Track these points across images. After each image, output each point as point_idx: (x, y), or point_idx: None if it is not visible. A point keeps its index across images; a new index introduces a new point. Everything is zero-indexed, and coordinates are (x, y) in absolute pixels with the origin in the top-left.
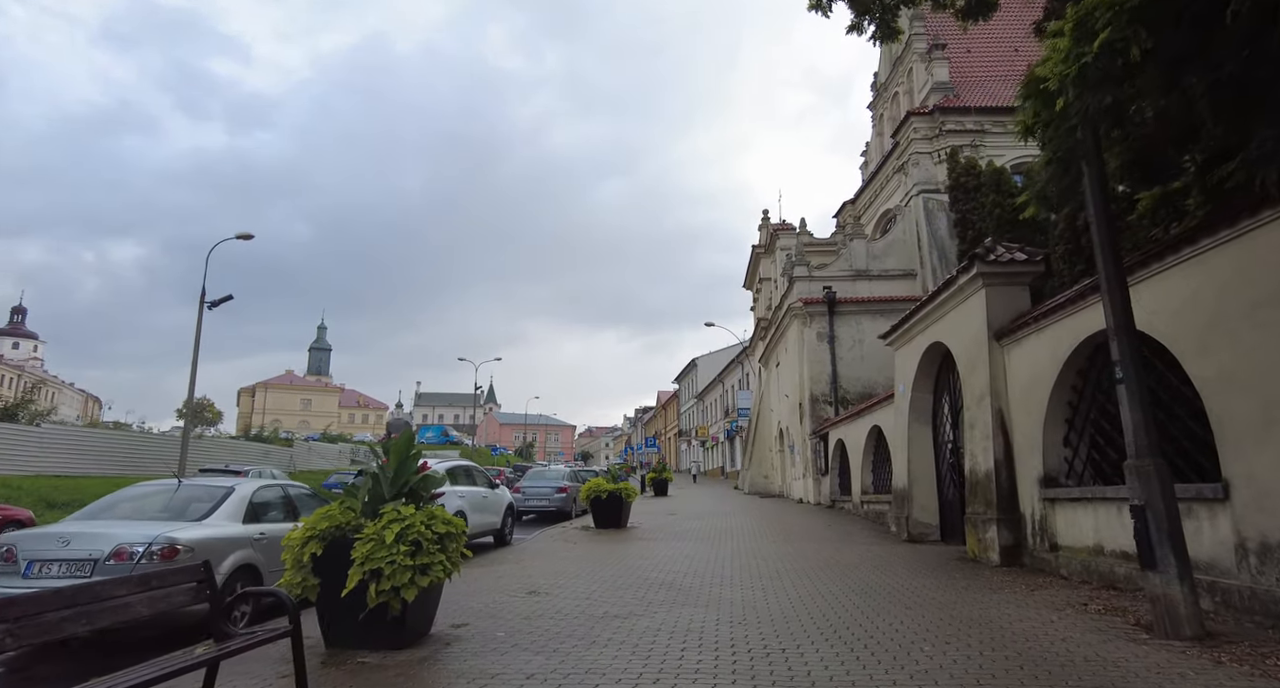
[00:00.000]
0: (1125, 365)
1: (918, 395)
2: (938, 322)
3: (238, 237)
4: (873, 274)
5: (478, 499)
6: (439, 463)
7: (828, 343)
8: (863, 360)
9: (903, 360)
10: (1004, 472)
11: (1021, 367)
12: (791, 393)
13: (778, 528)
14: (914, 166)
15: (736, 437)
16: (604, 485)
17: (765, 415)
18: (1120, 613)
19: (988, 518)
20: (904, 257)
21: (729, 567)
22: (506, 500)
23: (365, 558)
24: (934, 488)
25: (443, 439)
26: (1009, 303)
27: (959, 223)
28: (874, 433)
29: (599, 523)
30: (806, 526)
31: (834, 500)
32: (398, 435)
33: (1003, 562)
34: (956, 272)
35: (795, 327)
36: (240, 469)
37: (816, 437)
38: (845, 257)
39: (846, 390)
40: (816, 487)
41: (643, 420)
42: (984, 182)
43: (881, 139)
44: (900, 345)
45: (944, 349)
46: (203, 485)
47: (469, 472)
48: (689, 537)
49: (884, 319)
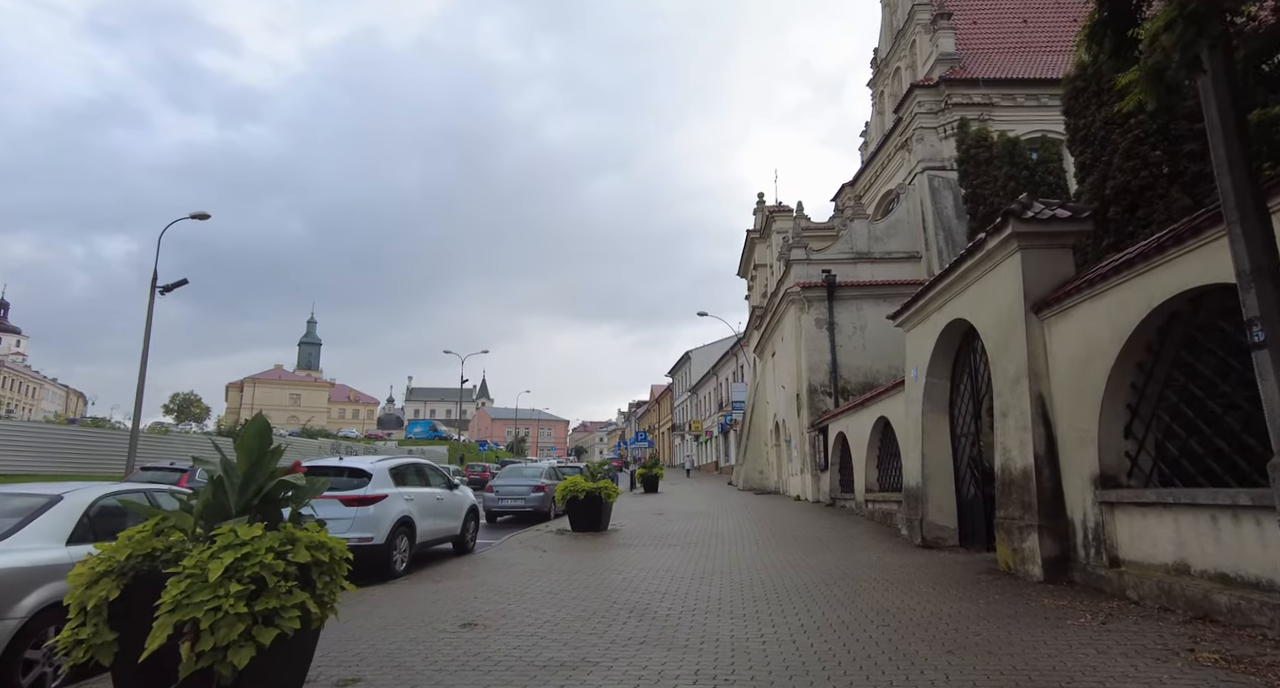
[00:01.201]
0: (1271, 322)
1: (933, 382)
2: (959, 296)
3: (192, 216)
4: (875, 257)
5: (429, 502)
6: (381, 460)
7: (827, 330)
8: (864, 348)
9: (915, 343)
10: (1046, 469)
11: (1068, 343)
12: (788, 384)
13: (774, 531)
14: (918, 142)
15: (731, 431)
16: (581, 484)
17: (760, 408)
18: (1252, 668)
19: (1025, 524)
20: (907, 238)
21: (717, 585)
22: (468, 503)
23: (177, 603)
24: (951, 486)
25: (430, 434)
26: (1050, 268)
27: (969, 198)
28: (880, 425)
29: (576, 526)
30: (806, 528)
31: (834, 498)
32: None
33: (1046, 577)
34: (985, 234)
35: (792, 313)
36: (185, 468)
37: (815, 430)
38: (845, 238)
39: (847, 381)
40: (815, 484)
41: (636, 415)
42: (996, 154)
43: (882, 118)
44: (912, 326)
45: (965, 327)
46: (17, 494)
47: (420, 471)
48: (674, 542)
49: (887, 304)
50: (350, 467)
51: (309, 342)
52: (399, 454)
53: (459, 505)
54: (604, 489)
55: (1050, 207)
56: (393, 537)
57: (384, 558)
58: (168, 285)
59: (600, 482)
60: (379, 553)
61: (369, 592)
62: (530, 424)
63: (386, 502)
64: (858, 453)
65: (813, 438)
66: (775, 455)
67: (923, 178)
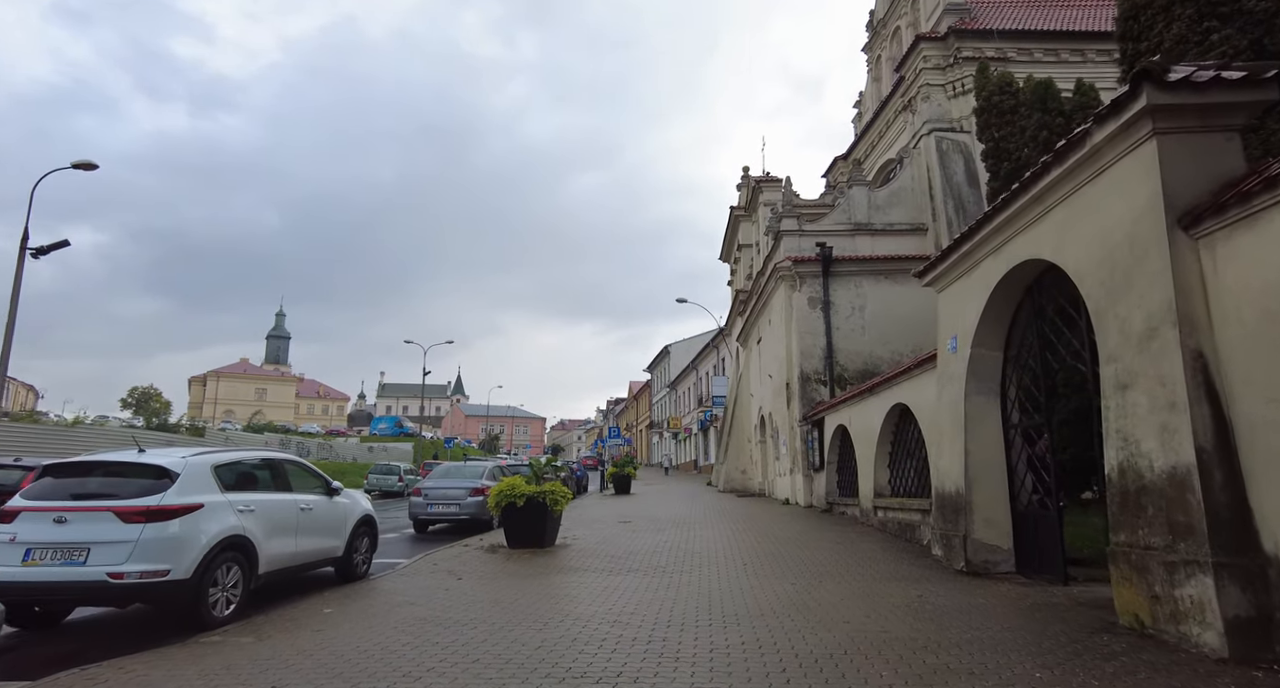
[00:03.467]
0: None
1: (981, 354)
2: (1033, 226)
3: (74, 166)
4: (875, 228)
5: (285, 515)
6: (200, 454)
7: (821, 310)
8: (864, 331)
9: (954, 304)
10: (1217, 471)
11: (1249, 271)
12: (776, 373)
13: (765, 548)
14: (923, 101)
15: (711, 428)
16: (520, 487)
17: (744, 402)
18: None
19: (1182, 559)
20: (912, 208)
21: (691, 646)
22: (357, 514)
23: None
24: (1004, 493)
25: (397, 431)
26: (1205, 163)
27: (990, 153)
28: (894, 415)
29: (513, 541)
30: (805, 543)
31: (831, 503)
32: None
33: (1234, 651)
34: (1091, 120)
35: (782, 292)
36: (32, 465)
37: (808, 424)
38: (843, 207)
39: (844, 367)
40: (807, 486)
41: (615, 413)
42: (1024, 101)
43: (879, 86)
44: (950, 282)
45: (1036, 272)
46: None
47: (277, 470)
48: (636, 566)
49: (889, 281)
50: (143, 462)
51: (277, 335)
52: (247, 448)
53: (341, 518)
54: (549, 494)
55: (1205, 67)
56: (207, 568)
57: (189, 599)
58: (42, 247)
59: (546, 485)
60: (180, 593)
61: (139, 659)
62: (505, 421)
63: (199, 515)
64: (863, 450)
65: (805, 433)
66: (760, 453)
67: (929, 140)
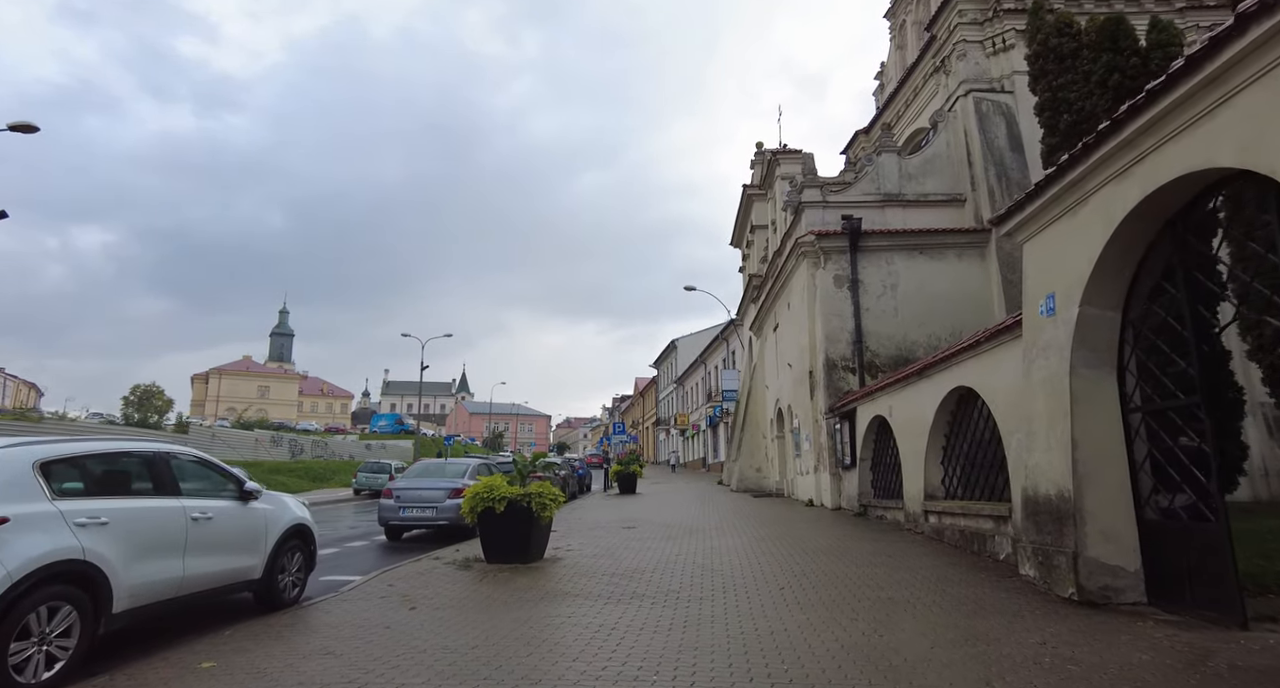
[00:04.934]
0: None
1: (1092, 315)
2: (1201, 122)
3: (10, 127)
4: (907, 199)
5: (165, 527)
6: (23, 445)
7: (849, 289)
8: (896, 313)
9: (1051, 253)
10: None
11: None
12: (797, 361)
13: (802, 564)
14: (959, 60)
15: (721, 424)
16: (500, 489)
17: (758, 395)
18: None
19: None
20: (948, 177)
21: None
22: (285, 523)
23: None
24: (1127, 497)
25: (397, 428)
26: None
27: (1046, 105)
28: (952, 401)
29: (491, 554)
30: (847, 556)
31: (865, 506)
32: None
33: None
34: None
35: (804, 271)
36: None
37: (836, 416)
38: (870, 177)
39: (875, 353)
40: (835, 485)
41: (620, 410)
42: (1088, 43)
43: (903, 53)
44: (1046, 224)
45: (1189, 195)
46: None
47: (153, 467)
48: (644, 590)
49: (925, 257)
50: None
51: (281, 333)
52: (111, 438)
53: (257, 529)
54: (535, 497)
55: None
56: (6, 614)
57: None
58: None
59: (532, 486)
60: None
61: None
62: (509, 419)
63: (24, 529)
64: (909, 444)
65: (831, 426)
66: (777, 450)
67: (966, 102)
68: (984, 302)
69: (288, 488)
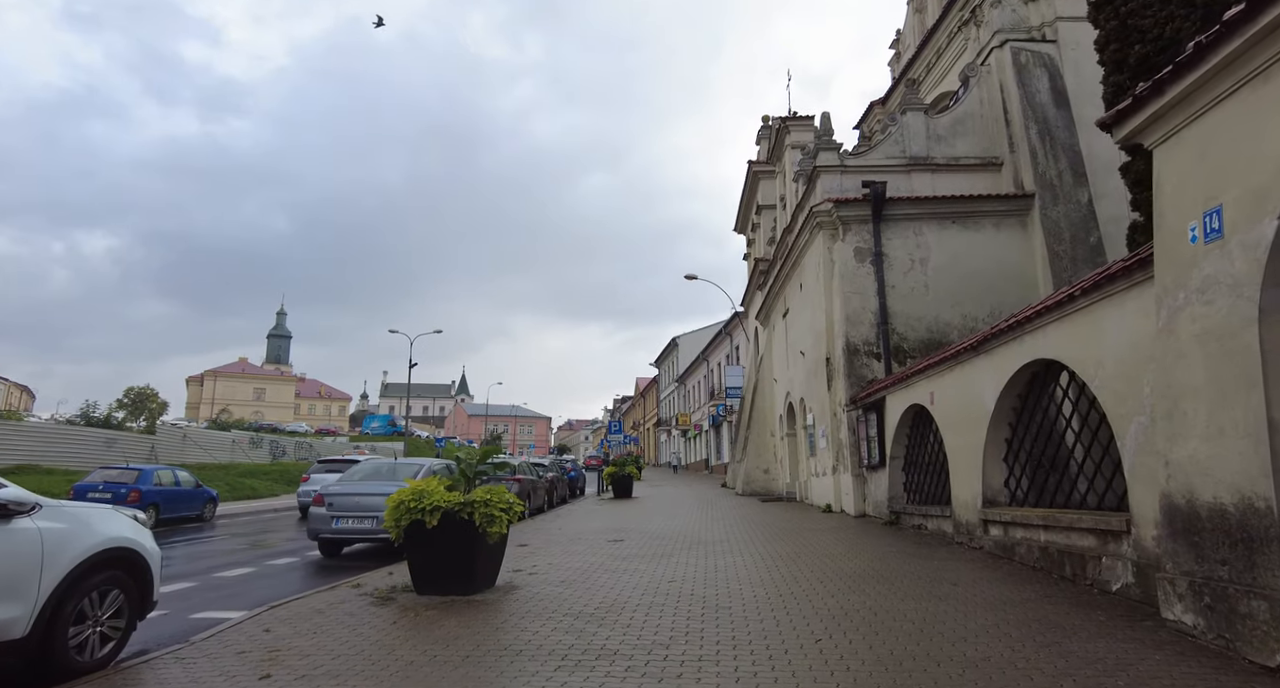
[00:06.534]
0: None
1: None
2: None
3: None
4: (936, 163)
5: None
6: None
7: (872, 264)
8: (927, 290)
9: (1218, 149)
10: None
11: None
12: (812, 348)
13: (842, 600)
14: (993, 8)
15: (724, 423)
16: (434, 496)
17: (765, 389)
18: None
19: None
20: (982, 138)
21: None
22: (79, 551)
23: None
24: None
25: (389, 430)
26: None
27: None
28: (1020, 382)
29: (423, 582)
30: (896, 584)
31: (897, 512)
32: None
33: None
34: None
35: (819, 245)
36: None
37: (859, 407)
38: (895, 138)
39: (903, 336)
40: (859, 488)
41: (622, 411)
42: None
43: (922, 17)
44: (1207, 108)
45: None
46: None
47: None
48: (615, 645)
49: (958, 227)
50: None
51: (278, 334)
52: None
53: (18, 563)
54: (479, 507)
55: None
56: None
57: None
58: None
59: (477, 491)
60: None
61: None
62: (509, 421)
63: None
64: (960, 437)
65: (853, 420)
66: (788, 449)
67: (1002, 53)
68: (1027, 278)
69: (255, 492)
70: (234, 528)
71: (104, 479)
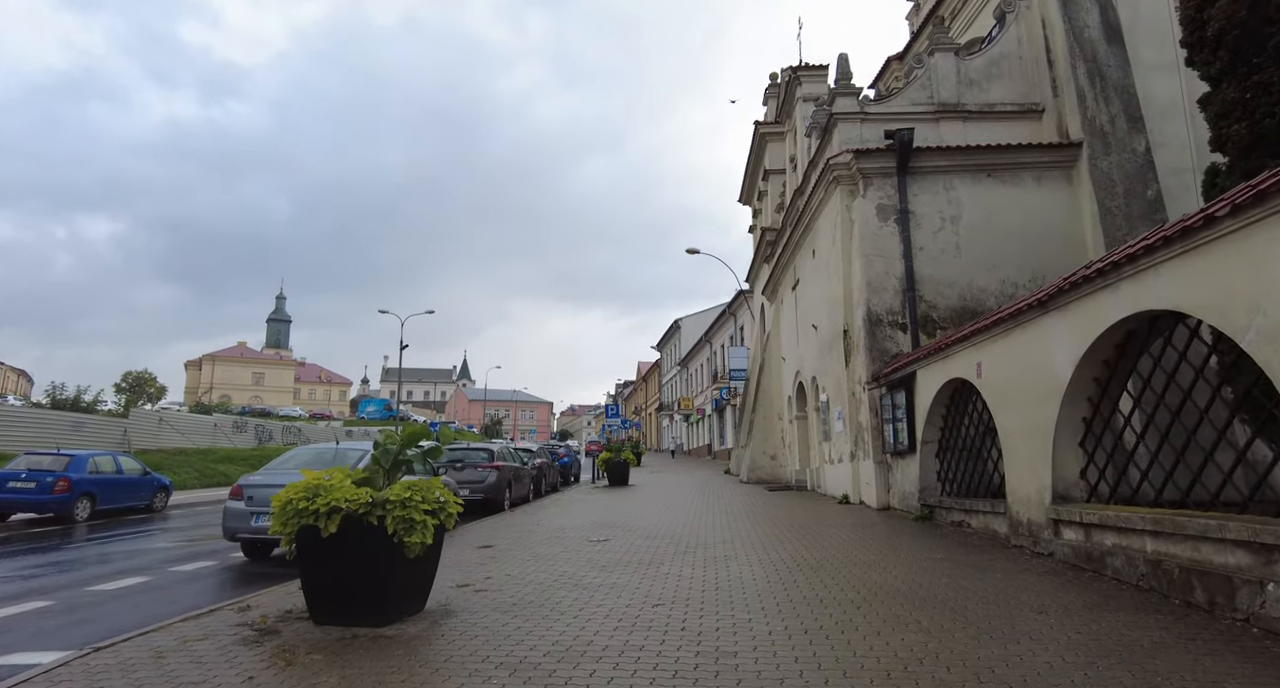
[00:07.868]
0: None
1: None
2: None
3: None
4: (969, 110)
5: None
6: None
7: (896, 223)
8: (959, 252)
9: None
10: None
11: None
12: (826, 320)
13: (881, 635)
14: None
15: (728, 406)
16: (335, 492)
17: (773, 369)
18: None
19: None
20: (1020, 82)
21: None
22: None
23: None
24: None
25: (385, 414)
26: None
27: None
28: (1107, 345)
29: (319, 608)
30: (953, 612)
31: (930, 506)
32: None
33: None
34: None
35: (836, 203)
36: None
37: (883, 385)
38: (921, 82)
39: (932, 304)
40: (882, 477)
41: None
42: None
43: None
44: None
45: None
46: None
47: None
48: None
49: (994, 181)
50: None
51: (278, 319)
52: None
53: None
54: (393, 509)
55: None
56: None
57: None
58: None
59: (393, 489)
60: None
61: None
62: (510, 406)
63: None
64: (1019, 416)
65: (876, 400)
66: (797, 433)
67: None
68: (1073, 238)
69: (228, 479)
70: (183, 520)
71: (29, 466)
